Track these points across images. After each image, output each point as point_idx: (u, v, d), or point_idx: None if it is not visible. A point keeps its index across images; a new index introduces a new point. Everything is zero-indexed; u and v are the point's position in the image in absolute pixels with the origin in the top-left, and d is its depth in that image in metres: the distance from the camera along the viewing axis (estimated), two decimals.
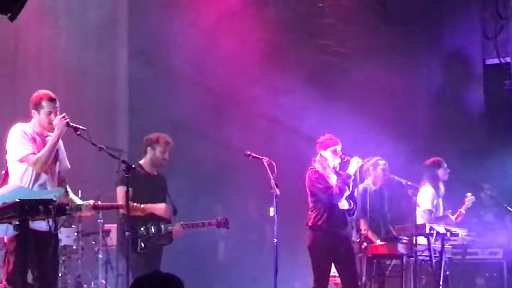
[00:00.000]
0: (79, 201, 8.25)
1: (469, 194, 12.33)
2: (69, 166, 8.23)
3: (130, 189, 8.89)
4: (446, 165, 12.06)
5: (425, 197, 11.86)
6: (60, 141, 8.08)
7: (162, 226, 9.82)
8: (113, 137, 14.56)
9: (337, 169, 10.19)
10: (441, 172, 12.03)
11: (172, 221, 10.02)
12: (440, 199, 12.09)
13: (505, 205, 12.79)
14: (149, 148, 10.07)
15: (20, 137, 7.87)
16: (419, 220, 11.48)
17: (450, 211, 12.13)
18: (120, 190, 9.55)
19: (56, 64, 14.16)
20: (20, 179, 7.82)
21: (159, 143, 10.03)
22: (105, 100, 14.95)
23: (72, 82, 14.04)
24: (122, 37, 15.36)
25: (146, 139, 10.16)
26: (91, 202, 8.39)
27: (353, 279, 10.10)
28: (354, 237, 11.11)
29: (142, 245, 9.66)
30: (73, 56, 14.29)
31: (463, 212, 12.20)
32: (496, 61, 15.41)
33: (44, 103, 7.99)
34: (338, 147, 10.13)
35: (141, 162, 10.04)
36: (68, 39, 14.32)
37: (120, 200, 9.51)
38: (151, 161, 10.04)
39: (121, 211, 9.43)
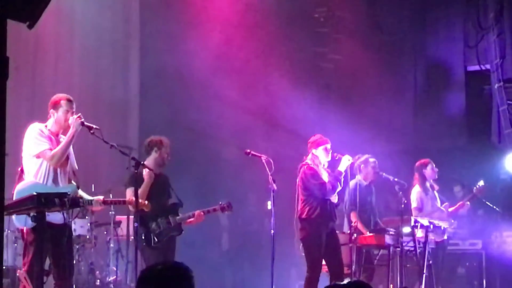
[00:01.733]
0: (88, 197, 8.25)
1: (481, 182, 12.34)
2: (77, 168, 8.21)
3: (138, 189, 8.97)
4: (434, 165, 12.04)
5: (412, 196, 11.87)
6: (71, 147, 8.09)
7: (171, 218, 9.80)
8: (124, 135, 14.57)
9: (326, 166, 10.19)
10: (428, 172, 12.02)
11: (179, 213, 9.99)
12: (436, 194, 12.07)
13: (483, 200, 12.77)
14: (155, 149, 9.92)
15: (37, 135, 7.90)
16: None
17: (447, 204, 12.13)
18: (129, 192, 9.51)
19: (72, 69, 14.17)
20: (35, 175, 7.83)
21: (163, 145, 9.93)
22: (117, 101, 14.96)
23: (86, 85, 14.06)
24: (135, 41, 15.39)
25: (150, 141, 9.98)
26: (101, 197, 8.40)
27: (340, 266, 10.10)
28: (346, 229, 11.14)
29: (156, 239, 9.62)
30: (88, 61, 14.32)
31: (468, 203, 12.22)
32: (477, 68, 15.40)
33: (62, 103, 8.04)
34: (328, 145, 10.13)
35: (145, 162, 9.94)
36: (84, 45, 14.33)
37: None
38: (155, 162, 9.87)
39: (131, 209, 9.39)
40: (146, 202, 9.14)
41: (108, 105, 14.57)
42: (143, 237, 9.51)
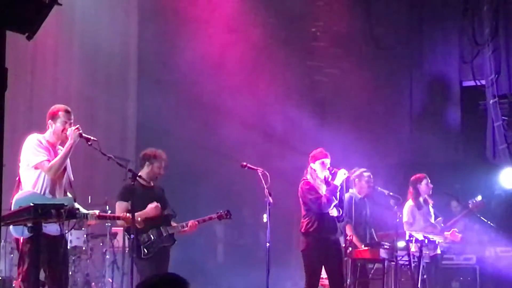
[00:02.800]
0: (84, 211, 8.20)
1: (478, 197, 12.38)
2: (73, 179, 8.19)
3: (127, 203, 8.96)
4: (429, 180, 12.04)
5: (404, 210, 11.88)
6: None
7: (162, 229, 9.76)
8: (121, 147, 14.57)
9: (329, 179, 10.17)
10: (422, 187, 12.02)
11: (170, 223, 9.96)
12: (431, 208, 12.08)
13: (478, 215, 12.77)
14: (147, 163, 9.89)
15: (35, 145, 7.87)
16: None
17: (441, 219, 12.13)
18: (118, 205, 9.52)
19: (70, 79, 14.18)
20: (33, 186, 7.80)
21: (156, 158, 9.86)
22: (115, 113, 14.98)
23: (84, 96, 14.07)
24: (133, 51, 15.41)
25: (144, 154, 9.95)
26: (97, 212, 8.37)
27: (340, 280, 10.08)
28: (341, 242, 11.10)
29: (145, 251, 9.56)
30: (86, 72, 14.34)
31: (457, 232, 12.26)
32: (472, 83, 15.43)
33: (60, 114, 8.01)
34: (326, 160, 10.10)
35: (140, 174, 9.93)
36: (82, 55, 14.36)
37: (119, 214, 9.43)
38: (147, 175, 9.84)
39: (125, 224, 9.33)
40: (139, 218, 9.13)
41: (106, 116, 14.58)
42: (133, 249, 9.49)
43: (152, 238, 9.64)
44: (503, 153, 14.50)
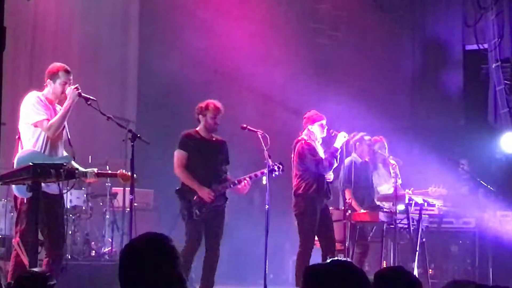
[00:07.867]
0: (83, 169, 8.16)
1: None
2: (70, 136, 8.13)
3: (185, 153, 9.33)
4: (371, 143, 11.74)
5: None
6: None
7: (214, 188, 9.58)
8: (122, 107, 14.58)
9: (320, 142, 10.20)
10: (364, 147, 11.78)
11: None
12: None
13: (478, 180, 12.82)
14: (200, 116, 9.73)
15: (35, 103, 7.83)
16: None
17: (433, 185, 12.15)
18: (177, 154, 9.58)
19: (71, 39, 14.19)
20: (34, 145, 7.80)
21: (208, 109, 9.66)
22: (116, 73, 14.98)
23: (85, 56, 14.07)
24: (133, 14, 15.38)
25: (197, 107, 9.78)
26: (95, 169, 8.35)
27: (332, 242, 10.14)
28: (341, 205, 11.14)
29: (197, 212, 9.41)
30: (87, 32, 14.33)
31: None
32: (475, 47, 15.39)
33: (60, 74, 7.96)
34: (324, 121, 10.14)
35: (197, 128, 9.77)
36: (83, 15, 14.35)
37: (175, 163, 9.53)
38: (204, 128, 9.71)
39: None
40: (191, 184, 9.30)
41: (107, 76, 14.58)
42: (185, 211, 9.40)
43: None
44: (504, 117, 14.51)
